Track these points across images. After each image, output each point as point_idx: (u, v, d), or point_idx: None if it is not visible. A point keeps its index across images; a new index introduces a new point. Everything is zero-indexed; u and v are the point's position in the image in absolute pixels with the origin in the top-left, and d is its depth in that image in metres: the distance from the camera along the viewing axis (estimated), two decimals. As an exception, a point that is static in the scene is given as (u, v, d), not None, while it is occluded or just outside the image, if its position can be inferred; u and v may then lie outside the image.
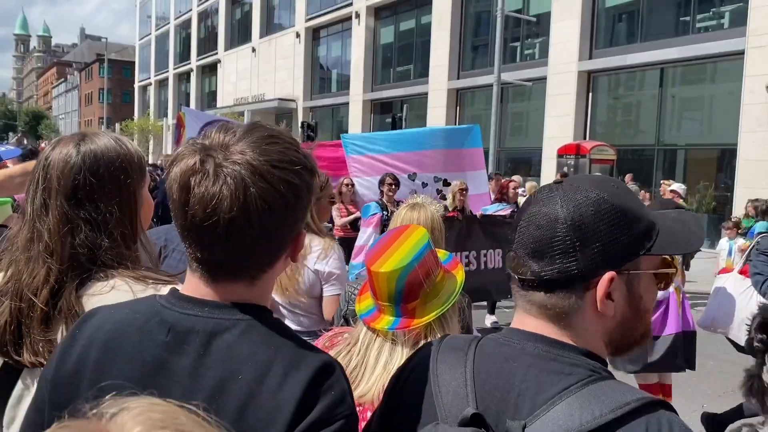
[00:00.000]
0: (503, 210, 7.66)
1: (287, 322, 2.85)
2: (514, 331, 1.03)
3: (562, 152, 15.59)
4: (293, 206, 0.96)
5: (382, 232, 5.01)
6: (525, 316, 1.03)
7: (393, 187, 7.50)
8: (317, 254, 2.97)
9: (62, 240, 1.32)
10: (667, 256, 1.05)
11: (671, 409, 0.90)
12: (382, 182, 7.48)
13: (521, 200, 8.35)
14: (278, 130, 1.01)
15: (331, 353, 1.67)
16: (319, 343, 1.83)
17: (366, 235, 6.73)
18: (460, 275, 1.64)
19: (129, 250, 1.40)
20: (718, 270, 6.17)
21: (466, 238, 6.74)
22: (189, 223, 0.95)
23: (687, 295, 4.90)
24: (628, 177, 12.93)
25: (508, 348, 1.00)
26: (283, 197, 0.94)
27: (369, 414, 1.58)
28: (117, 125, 52.01)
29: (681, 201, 11.26)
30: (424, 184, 7.90)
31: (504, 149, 19.87)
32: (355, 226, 7.91)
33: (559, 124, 17.35)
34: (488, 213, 7.46)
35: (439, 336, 1.54)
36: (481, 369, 1.00)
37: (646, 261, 1.00)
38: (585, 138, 16.86)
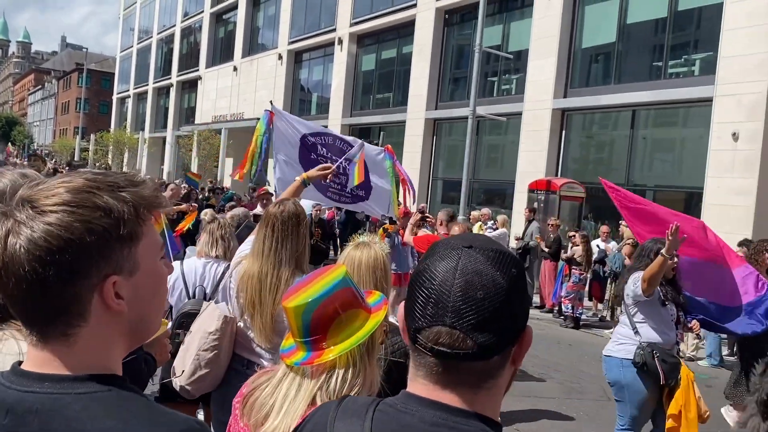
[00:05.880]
0: None
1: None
2: (412, 397, 0.99)
3: (533, 187, 15.75)
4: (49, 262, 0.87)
5: None
6: (431, 385, 0.97)
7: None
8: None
9: None
10: None
11: None
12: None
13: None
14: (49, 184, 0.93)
15: (250, 387, 1.69)
16: (251, 378, 1.82)
17: None
18: (378, 317, 1.61)
19: None
20: None
21: None
22: None
23: None
24: (604, 227, 13.20)
25: (407, 416, 0.97)
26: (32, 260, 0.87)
27: None
28: (92, 136, 51.41)
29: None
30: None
31: (477, 180, 20.04)
32: None
33: (531, 160, 17.57)
34: None
35: (343, 373, 1.56)
36: None
37: None
38: (557, 174, 17.07)
